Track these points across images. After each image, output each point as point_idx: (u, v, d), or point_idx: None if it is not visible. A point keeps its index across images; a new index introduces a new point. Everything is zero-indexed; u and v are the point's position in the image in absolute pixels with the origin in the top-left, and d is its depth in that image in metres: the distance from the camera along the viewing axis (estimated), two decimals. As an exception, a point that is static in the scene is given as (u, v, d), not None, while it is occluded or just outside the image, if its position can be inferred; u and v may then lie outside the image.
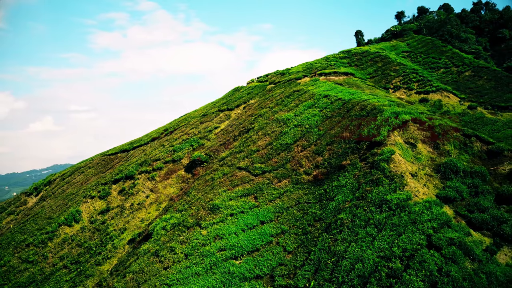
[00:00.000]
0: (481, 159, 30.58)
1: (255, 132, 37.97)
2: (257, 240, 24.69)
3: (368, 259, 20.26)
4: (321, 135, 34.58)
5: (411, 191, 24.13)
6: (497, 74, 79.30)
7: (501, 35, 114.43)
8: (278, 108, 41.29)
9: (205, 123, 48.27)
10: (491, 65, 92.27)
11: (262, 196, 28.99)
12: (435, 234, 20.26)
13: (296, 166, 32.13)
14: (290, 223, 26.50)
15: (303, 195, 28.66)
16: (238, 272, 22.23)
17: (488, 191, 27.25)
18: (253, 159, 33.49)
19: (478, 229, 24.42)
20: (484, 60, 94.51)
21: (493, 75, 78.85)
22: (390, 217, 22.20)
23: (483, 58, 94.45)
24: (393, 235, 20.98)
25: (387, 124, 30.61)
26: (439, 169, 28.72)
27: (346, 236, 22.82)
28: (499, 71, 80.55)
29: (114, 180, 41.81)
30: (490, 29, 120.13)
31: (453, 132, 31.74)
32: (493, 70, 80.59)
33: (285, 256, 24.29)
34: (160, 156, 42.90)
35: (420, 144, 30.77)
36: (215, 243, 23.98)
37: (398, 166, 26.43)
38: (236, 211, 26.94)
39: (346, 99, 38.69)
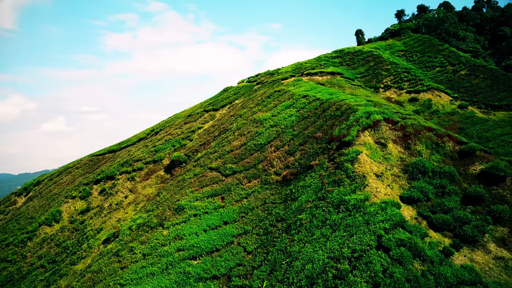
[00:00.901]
0: (452, 159, 30.25)
1: (232, 133, 38.03)
2: (217, 240, 24.74)
3: (318, 260, 20.20)
4: (295, 135, 34.51)
5: (371, 191, 23.98)
6: (494, 72, 78.34)
7: (502, 33, 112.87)
8: (258, 109, 41.29)
9: (189, 123, 48.48)
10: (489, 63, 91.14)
11: (229, 196, 29.03)
12: (386, 235, 20.11)
13: (267, 166, 32.12)
14: (254, 223, 26.51)
15: (270, 196, 28.65)
16: (194, 273, 22.30)
17: (455, 191, 26.95)
18: (225, 159, 33.56)
19: (439, 230, 24.20)
20: (483, 59, 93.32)
21: (490, 73, 77.92)
22: (346, 218, 22.11)
23: (481, 56, 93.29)
24: (345, 236, 20.90)
25: (357, 124, 30.43)
26: (407, 169, 28.49)
27: (303, 237, 22.77)
28: (496, 70, 79.56)
29: (96, 181, 42.20)
30: (491, 27, 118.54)
31: (425, 132, 31.45)
32: (490, 68, 79.62)
33: (244, 257, 24.32)
34: (142, 157, 43.19)
35: (391, 144, 30.54)
36: (174, 244, 24.10)
37: (362, 167, 26.27)
38: (200, 211, 27.03)
39: (324, 99, 38.55)
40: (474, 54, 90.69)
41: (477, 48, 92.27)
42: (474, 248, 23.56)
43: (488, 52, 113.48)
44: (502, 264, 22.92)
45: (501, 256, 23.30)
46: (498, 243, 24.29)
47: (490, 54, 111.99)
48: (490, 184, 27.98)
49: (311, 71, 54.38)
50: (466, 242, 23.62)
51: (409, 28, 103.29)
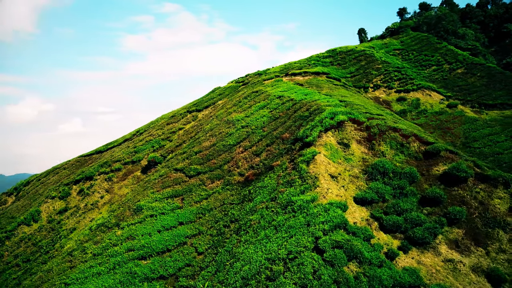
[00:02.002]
0: (417, 160, 29.86)
1: (204, 133, 38.23)
2: (170, 241, 24.94)
3: (256, 261, 20.23)
4: (264, 136, 34.52)
5: (321, 192, 23.88)
6: (491, 71, 76.94)
7: (505, 30, 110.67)
8: (233, 109, 41.38)
9: (171, 124, 48.87)
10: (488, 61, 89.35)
11: (190, 197, 29.23)
12: (324, 236, 20.02)
13: (233, 167, 32.21)
14: (209, 224, 26.66)
15: (230, 196, 28.74)
16: (140, 273, 22.54)
17: (412, 192, 26.62)
18: (192, 160, 33.77)
19: (390, 232, 23.94)
20: (483, 57, 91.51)
21: (487, 72, 76.56)
22: (289, 219, 22.09)
23: (481, 54, 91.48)
24: (285, 237, 20.88)
25: (320, 125, 30.29)
26: (367, 170, 28.24)
27: (249, 238, 22.84)
28: (494, 68, 78.11)
29: (75, 181, 42.89)
30: (495, 24, 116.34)
31: (391, 132, 31.11)
32: (487, 67, 78.21)
33: (195, 257, 24.48)
34: (121, 157, 43.73)
35: (354, 144, 30.31)
36: (126, 244, 24.40)
37: (317, 167, 26.15)
38: (157, 212, 27.29)
39: (298, 99, 38.45)
40: (474, 52, 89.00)
41: (476, 45, 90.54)
42: (424, 250, 23.24)
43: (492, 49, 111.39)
44: (451, 267, 22.55)
45: (451, 258, 22.93)
46: (451, 245, 23.90)
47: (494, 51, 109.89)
48: (452, 185, 27.55)
49: (295, 71, 54.17)
50: (416, 244, 23.31)
51: (409, 27, 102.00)
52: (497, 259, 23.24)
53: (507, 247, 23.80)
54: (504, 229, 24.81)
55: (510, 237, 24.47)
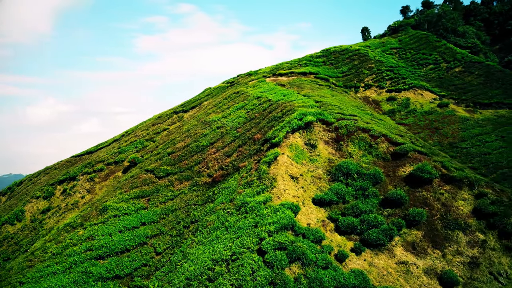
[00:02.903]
0: (384, 161, 29.61)
1: (181, 134, 38.51)
2: (130, 241, 25.26)
3: (202, 261, 20.40)
4: (237, 137, 34.64)
5: (276, 193, 23.89)
6: (490, 69, 75.65)
7: (510, 27, 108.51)
8: (212, 110, 41.57)
9: (156, 125, 49.34)
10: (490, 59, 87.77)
11: (156, 198, 29.54)
12: (268, 237, 20.06)
13: (203, 168, 32.42)
14: (171, 225, 26.90)
15: (194, 197, 28.96)
16: (96, 272, 22.90)
17: (374, 194, 26.42)
18: (164, 161, 34.08)
19: (346, 233, 23.83)
20: (484, 55, 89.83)
21: (485, 70, 75.29)
22: (240, 220, 22.19)
23: (482, 52, 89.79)
24: (233, 238, 20.99)
25: (288, 126, 30.26)
26: (331, 171, 28.13)
27: (202, 238, 23.02)
28: (493, 66, 76.75)
29: (60, 181, 43.65)
30: (499, 22, 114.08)
31: (360, 133, 30.91)
32: (486, 65, 76.89)
33: (153, 257, 24.75)
34: (104, 158, 44.33)
35: (321, 145, 30.20)
36: (85, 243, 24.80)
37: (278, 168, 26.16)
38: (121, 212, 27.65)
39: (275, 100, 38.45)
40: (474, 50, 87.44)
41: (476, 43, 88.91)
42: (379, 252, 23.05)
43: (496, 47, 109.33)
44: (403, 269, 22.32)
45: (405, 260, 22.71)
46: (407, 247, 23.64)
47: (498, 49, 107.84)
48: (417, 186, 27.26)
49: (282, 72, 54.10)
50: (370, 246, 23.16)
51: (409, 25, 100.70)
52: (452, 262, 22.92)
53: (464, 249, 23.45)
54: (464, 231, 24.45)
55: (469, 239, 24.11)
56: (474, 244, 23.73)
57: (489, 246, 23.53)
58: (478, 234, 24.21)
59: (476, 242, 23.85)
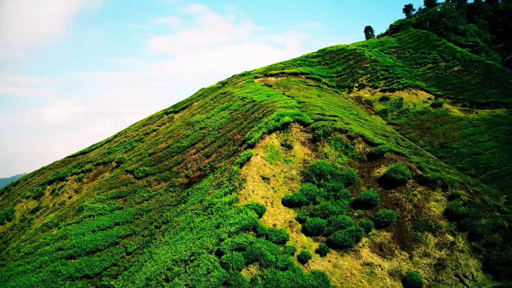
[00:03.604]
0: (360, 161, 29.48)
1: (163, 135, 38.84)
2: (102, 241, 25.61)
3: (163, 261, 20.62)
4: (218, 137, 34.82)
5: (244, 194, 23.99)
6: (490, 68, 74.70)
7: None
8: (198, 111, 41.81)
9: (146, 125, 49.81)
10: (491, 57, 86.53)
11: (132, 198, 29.87)
12: (227, 238, 20.17)
13: (182, 169, 32.66)
14: (144, 225, 27.19)
15: (170, 198, 29.21)
16: (65, 272, 23.28)
17: (346, 195, 26.33)
18: (144, 161, 34.42)
19: (313, 235, 23.79)
20: (485, 53, 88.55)
21: (485, 69, 74.35)
22: (204, 221, 22.35)
23: (483, 51, 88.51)
24: (194, 239, 21.17)
25: (265, 127, 30.34)
26: (304, 171, 28.12)
27: (168, 239, 23.25)
28: (493, 65, 75.73)
29: (49, 181, 44.34)
30: (504, 19, 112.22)
31: (337, 133, 30.83)
32: (486, 64, 75.91)
33: (124, 257, 25.05)
34: (94, 158, 44.91)
35: (297, 146, 30.20)
36: (58, 243, 25.22)
37: (249, 169, 26.25)
38: (96, 213, 28.03)
39: (258, 101, 38.53)
40: (474, 49, 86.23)
41: (477, 42, 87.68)
42: (345, 254, 22.98)
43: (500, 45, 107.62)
44: (368, 270, 22.21)
45: (370, 262, 22.61)
46: (374, 249, 23.52)
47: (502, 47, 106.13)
48: (390, 187, 27.08)
49: (273, 72, 54.09)
50: (336, 247, 23.10)
51: (410, 24, 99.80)
52: (419, 264, 22.74)
53: (432, 251, 23.23)
54: (434, 233, 24.22)
55: (439, 240, 23.88)
56: (442, 246, 23.50)
57: (457, 248, 23.28)
58: (448, 236, 23.97)
59: (445, 243, 23.61)
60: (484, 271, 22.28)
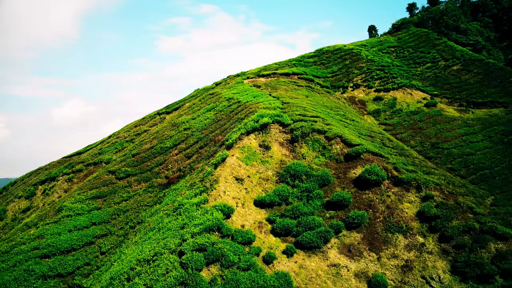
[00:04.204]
0: (337, 162, 29.44)
1: (149, 136, 39.23)
2: (78, 240, 26.03)
3: (128, 261, 20.92)
4: (201, 138, 35.06)
5: (214, 195, 24.16)
6: (490, 67, 73.56)
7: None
8: (185, 112, 42.12)
9: (138, 126, 50.30)
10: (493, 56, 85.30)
11: (112, 199, 30.27)
12: (190, 239, 20.36)
13: (163, 169, 32.98)
14: (120, 225, 27.55)
15: (147, 198, 29.54)
16: (38, 271, 23.73)
17: (319, 196, 26.35)
18: (127, 162, 34.83)
19: (281, 235, 23.88)
20: (487, 52, 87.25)
21: (485, 68, 73.26)
22: (172, 221, 22.60)
23: (486, 49, 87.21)
24: (160, 239, 21.43)
25: (243, 128, 30.49)
26: (280, 172, 28.19)
27: (138, 239, 23.56)
28: (493, 64, 74.57)
29: (41, 181, 45.11)
30: (509, 17, 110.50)
31: (315, 134, 30.84)
32: (486, 63, 74.77)
33: (97, 257, 25.44)
34: (85, 159, 45.55)
35: (275, 147, 30.28)
36: (34, 242, 25.71)
37: (223, 170, 26.41)
38: (74, 212, 28.50)
39: (244, 102, 38.68)
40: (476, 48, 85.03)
41: (478, 41, 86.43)
42: (312, 255, 23.00)
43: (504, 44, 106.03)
44: (334, 272, 22.20)
45: (337, 263, 22.60)
46: (342, 250, 23.49)
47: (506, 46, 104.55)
48: (365, 188, 27.02)
49: (265, 73, 54.15)
50: (304, 248, 23.14)
51: (412, 23, 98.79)
52: (386, 265, 22.66)
53: (401, 252, 23.12)
54: (404, 234, 24.10)
55: (409, 242, 23.75)
56: (412, 247, 23.38)
57: (427, 249, 23.13)
58: (418, 237, 23.83)
59: (415, 245, 23.48)
60: (452, 273, 22.11)
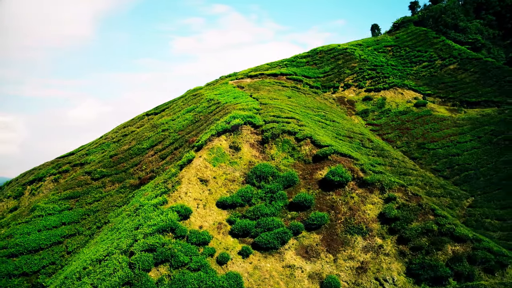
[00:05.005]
0: (305, 163, 29.49)
1: (130, 137, 39.76)
2: (45, 240, 26.61)
3: (83, 260, 21.37)
4: (177, 139, 35.43)
5: (175, 196, 24.44)
6: (487, 66, 72.61)
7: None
8: (166, 113, 42.58)
9: (126, 127, 50.93)
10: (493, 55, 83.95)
11: (84, 199, 30.83)
12: (142, 239, 20.67)
13: (137, 170, 33.43)
14: (89, 225, 28.07)
15: (118, 199, 30.01)
16: (4, 269, 24.35)
17: (282, 197, 26.45)
18: (104, 163, 35.39)
19: (240, 236, 24.03)
20: (487, 50, 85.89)
21: (482, 67, 72.36)
22: (129, 222, 22.97)
23: (485, 48, 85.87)
24: (114, 239, 21.81)
25: (214, 129, 30.75)
26: (247, 173, 28.36)
27: (99, 240, 23.99)
28: (491, 63, 73.54)
29: (30, 181, 46.03)
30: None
31: (285, 135, 30.93)
32: (484, 61, 73.80)
33: (63, 256, 25.99)
34: (72, 159, 46.35)
35: (246, 148, 30.46)
36: (2, 242, 26.33)
37: (188, 171, 26.71)
38: (46, 212, 29.12)
39: (223, 103, 38.93)
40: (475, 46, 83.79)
41: (478, 39, 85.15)
42: (269, 256, 23.11)
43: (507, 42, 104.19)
44: (288, 273, 22.29)
45: (293, 264, 22.68)
46: (300, 251, 23.55)
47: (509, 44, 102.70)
48: (329, 189, 27.02)
49: (253, 74, 54.29)
50: (261, 249, 23.27)
51: (412, 21, 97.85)
52: (342, 267, 22.67)
53: (357, 254, 23.09)
54: (364, 236, 24.05)
55: (367, 244, 23.70)
56: (369, 249, 23.33)
57: (384, 251, 23.07)
58: (377, 239, 23.76)
59: (373, 247, 23.42)
60: (407, 275, 22.02)
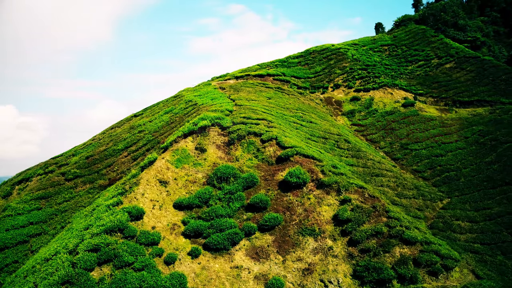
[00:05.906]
0: (269, 164, 29.66)
1: (108, 138, 40.51)
2: (11, 239, 27.45)
3: (35, 259, 22.02)
4: (150, 140, 35.98)
5: (131, 197, 24.91)
6: (484, 64, 71.32)
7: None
8: (145, 114, 43.21)
9: (113, 128, 51.81)
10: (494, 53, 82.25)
11: (55, 199, 31.63)
12: (89, 239, 21.19)
13: (109, 171, 34.09)
14: (54, 224, 28.82)
15: (86, 199, 30.68)
16: (-32, 267, 25.27)
17: (240, 198, 26.67)
18: (80, 164, 36.18)
19: (192, 237, 24.35)
20: (488, 48, 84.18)
21: (479, 65, 71.12)
22: (82, 222, 23.55)
23: (486, 46, 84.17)
24: (65, 239, 22.42)
25: (181, 130, 31.17)
26: (209, 174, 28.67)
27: (56, 239, 24.65)
28: (489, 61, 72.18)
29: (18, 182, 47.27)
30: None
31: (251, 137, 31.14)
32: (482, 60, 72.46)
33: (27, 254, 26.76)
34: (59, 160, 47.38)
35: (212, 149, 30.79)
36: (-30, 241, 27.40)
37: (148, 173, 27.16)
38: (16, 212, 30.00)
39: (200, 104, 39.35)
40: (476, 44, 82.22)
41: (477, 37, 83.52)
42: (219, 256, 23.38)
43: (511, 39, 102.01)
44: (235, 274, 22.52)
45: (241, 265, 22.91)
46: (249, 252, 23.74)
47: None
48: (288, 190, 27.13)
49: (238, 75, 54.54)
50: (212, 250, 23.56)
51: (413, 20, 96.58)
52: (289, 268, 22.79)
53: (306, 256, 23.17)
54: (315, 237, 24.12)
55: (318, 245, 23.76)
56: (319, 251, 23.39)
57: (333, 253, 23.10)
58: (328, 241, 23.80)
59: (323, 248, 23.47)
60: (353, 277, 22.03)
